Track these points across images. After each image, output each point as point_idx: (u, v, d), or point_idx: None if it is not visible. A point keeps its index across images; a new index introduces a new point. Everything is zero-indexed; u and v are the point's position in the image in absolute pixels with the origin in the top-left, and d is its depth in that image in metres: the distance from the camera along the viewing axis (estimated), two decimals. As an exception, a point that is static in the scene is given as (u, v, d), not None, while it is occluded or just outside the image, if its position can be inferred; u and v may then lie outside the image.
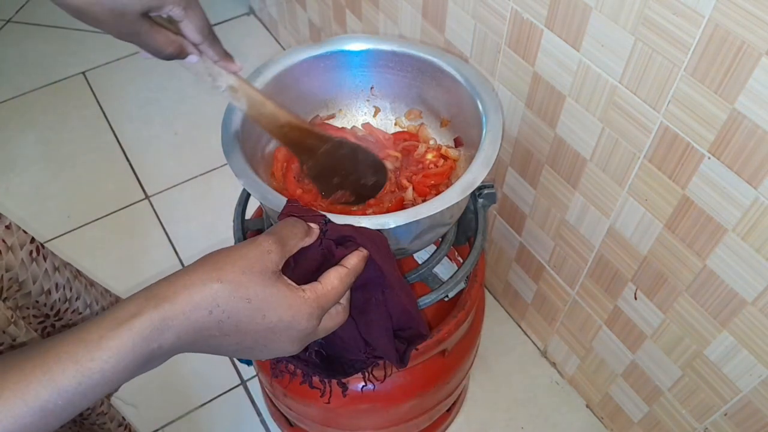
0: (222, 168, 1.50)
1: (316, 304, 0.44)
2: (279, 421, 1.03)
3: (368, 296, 0.52)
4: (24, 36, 1.86)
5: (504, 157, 0.99)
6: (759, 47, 0.54)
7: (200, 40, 0.54)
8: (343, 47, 0.73)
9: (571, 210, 0.90)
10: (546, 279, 1.05)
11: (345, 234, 0.50)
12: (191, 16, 0.52)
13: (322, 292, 0.45)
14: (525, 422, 1.11)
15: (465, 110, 0.70)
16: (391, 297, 0.53)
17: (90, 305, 0.75)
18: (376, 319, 0.53)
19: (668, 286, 0.78)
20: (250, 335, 0.41)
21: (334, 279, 0.46)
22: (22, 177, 1.51)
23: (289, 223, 0.48)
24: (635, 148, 0.73)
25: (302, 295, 0.43)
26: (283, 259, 0.44)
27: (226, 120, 0.65)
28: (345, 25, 1.31)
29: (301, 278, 0.45)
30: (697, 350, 0.79)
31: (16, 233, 0.63)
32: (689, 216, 0.70)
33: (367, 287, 0.52)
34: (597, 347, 1.00)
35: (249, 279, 0.41)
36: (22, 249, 0.63)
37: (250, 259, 0.42)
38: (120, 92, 1.69)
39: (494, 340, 1.20)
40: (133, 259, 1.35)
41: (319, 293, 0.44)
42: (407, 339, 0.58)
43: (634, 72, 0.67)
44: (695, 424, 0.87)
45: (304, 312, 0.43)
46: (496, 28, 0.84)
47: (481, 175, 0.59)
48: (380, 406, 0.80)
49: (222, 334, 0.40)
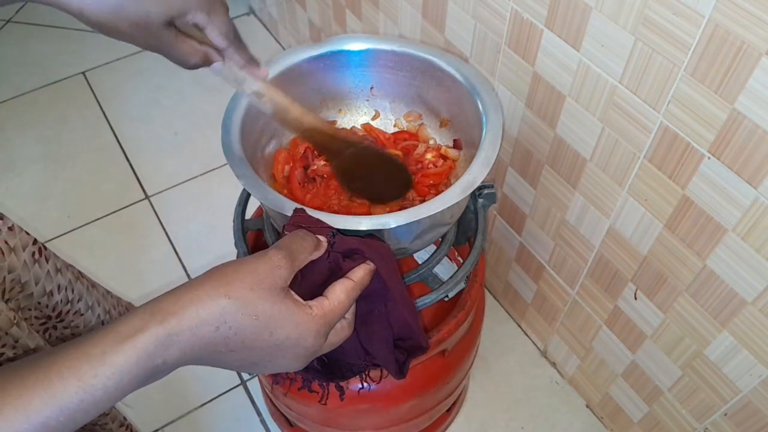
0: (222, 168, 1.50)
1: (323, 321, 0.43)
2: (279, 421, 1.03)
3: (371, 308, 0.52)
4: (24, 36, 1.86)
5: (504, 157, 0.99)
6: (759, 47, 0.54)
7: (226, 45, 0.54)
8: (343, 47, 0.73)
9: (571, 210, 0.90)
10: (546, 279, 1.05)
11: (352, 247, 0.50)
12: (216, 21, 0.52)
13: (329, 308, 0.44)
14: (525, 422, 1.11)
15: (465, 110, 0.70)
16: (393, 310, 0.53)
17: (92, 307, 0.75)
18: (378, 330, 0.53)
19: (668, 286, 0.78)
20: (257, 351, 0.41)
21: (340, 293, 0.45)
22: (22, 177, 1.51)
23: (298, 236, 0.47)
24: (635, 148, 0.73)
25: (310, 312, 0.43)
26: (291, 275, 0.43)
27: (226, 120, 0.65)
28: (345, 25, 1.31)
29: (307, 291, 0.45)
30: (697, 350, 0.79)
31: (19, 235, 0.63)
32: (689, 216, 0.70)
33: (370, 298, 0.51)
34: (597, 347, 1.00)
35: (257, 295, 0.40)
36: (25, 251, 0.63)
37: (259, 274, 0.41)
38: (120, 92, 1.69)
39: (494, 340, 1.20)
40: (133, 259, 1.35)
41: (326, 309, 0.44)
42: (407, 350, 0.58)
43: (634, 72, 0.67)
44: (695, 424, 0.87)
45: (311, 330, 0.42)
46: (496, 28, 0.84)
47: (481, 175, 0.59)
48: (380, 407, 0.80)
49: (228, 350, 0.40)
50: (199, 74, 0.59)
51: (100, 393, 0.34)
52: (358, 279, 0.48)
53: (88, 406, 0.34)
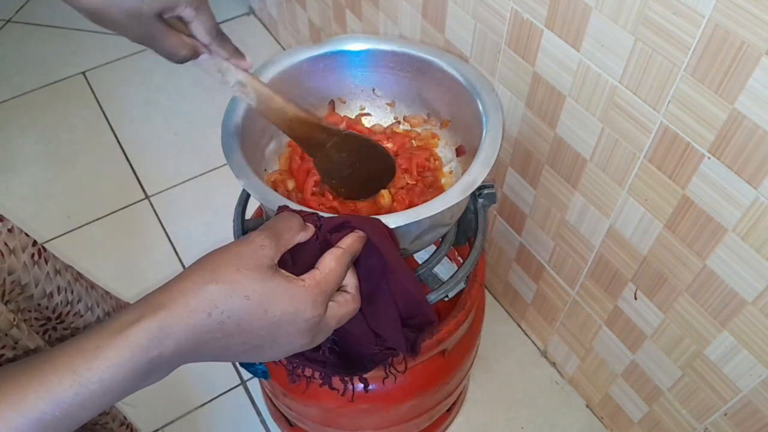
0: (222, 168, 1.50)
1: (317, 290, 0.43)
2: (279, 421, 1.03)
3: (373, 287, 0.52)
4: (24, 36, 1.86)
5: (504, 157, 0.99)
6: (759, 47, 0.54)
7: (209, 40, 0.54)
8: (343, 47, 0.73)
9: (571, 210, 0.90)
10: (546, 279, 1.05)
11: (339, 222, 0.50)
12: (201, 17, 0.52)
13: (321, 277, 0.44)
14: (525, 422, 1.11)
15: (465, 110, 0.70)
16: (394, 283, 0.52)
17: (91, 308, 0.75)
18: (383, 308, 0.53)
19: (668, 286, 0.78)
20: (255, 333, 0.41)
21: (330, 261, 0.45)
22: (22, 177, 1.51)
23: (282, 216, 0.47)
24: (635, 148, 0.73)
25: (302, 284, 0.42)
26: (278, 254, 0.43)
27: (227, 120, 0.65)
28: (345, 25, 1.31)
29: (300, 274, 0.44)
30: (697, 350, 0.79)
31: (18, 236, 0.63)
32: (689, 216, 0.70)
33: (371, 277, 0.51)
34: (597, 347, 1.00)
35: (244, 276, 0.40)
36: (24, 252, 0.63)
37: (243, 256, 0.41)
38: (120, 92, 1.69)
39: (494, 340, 1.20)
40: (133, 259, 1.35)
41: (318, 279, 0.44)
42: (417, 327, 0.57)
43: (634, 72, 0.67)
44: (695, 424, 0.87)
45: (307, 300, 0.42)
46: (496, 28, 0.84)
47: (482, 176, 0.59)
48: (380, 406, 0.80)
49: (225, 336, 0.40)
50: (199, 74, 0.59)
51: (95, 386, 0.35)
52: (347, 245, 0.47)
53: (84, 400, 0.34)
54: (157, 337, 0.37)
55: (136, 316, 0.37)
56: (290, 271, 0.44)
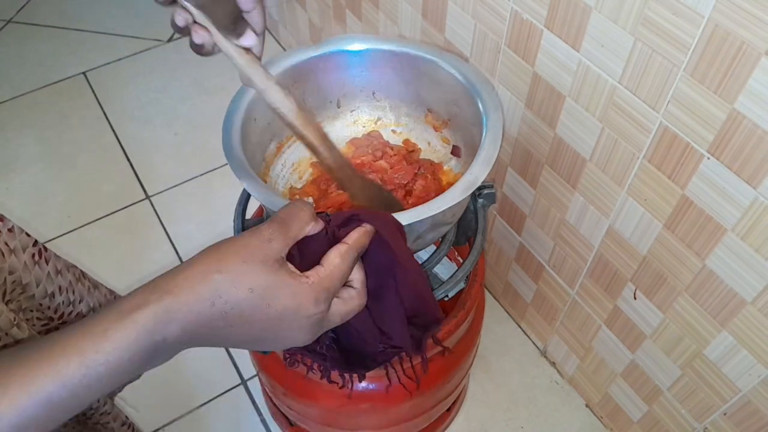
0: (222, 168, 1.50)
1: (320, 287, 0.43)
2: (279, 421, 1.03)
3: (381, 282, 0.51)
4: (24, 36, 1.86)
5: (504, 157, 0.99)
6: (759, 47, 0.54)
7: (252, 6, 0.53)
8: (343, 47, 0.73)
9: (571, 210, 0.90)
10: (546, 279, 1.05)
11: (348, 216, 0.49)
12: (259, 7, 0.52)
13: (325, 274, 0.44)
14: (525, 422, 1.11)
15: (465, 110, 0.70)
16: (403, 278, 0.51)
17: (93, 308, 0.75)
18: (389, 305, 0.52)
19: (668, 286, 0.78)
20: (257, 325, 0.41)
21: (335, 258, 0.45)
22: (22, 177, 1.51)
23: (293, 206, 0.46)
24: (635, 148, 0.73)
25: (306, 281, 0.42)
26: (286, 247, 0.43)
27: (227, 120, 0.66)
28: (345, 26, 1.31)
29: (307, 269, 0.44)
30: (697, 350, 0.79)
31: (19, 236, 0.63)
32: (689, 216, 0.70)
33: (379, 272, 0.50)
34: (597, 347, 1.01)
35: (250, 268, 0.40)
36: (25, 252, 0.63)
37: (251, 248, 0.41)
38: (120, 92, 1.69)
39: (494, 340, 1.20)
40: (134, 259, 1.35)
41: (322, 276, 0.43)
42: (422, 326, 0.56)
43: (633, 72, 0.67)
44: (695, 423, 0.87)
45: (309, 297, 0.42)
46: (496, 28, 0.85)
47: (482, 175, 0.59)
48: (380, 406, 0.80)
49: (227, 325, 0.40)
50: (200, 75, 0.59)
51: (102, 368, 0.35)
52: (353, 241, 0.47)
53: (91, 381, 0.35)
54: (162, 321, 0.37)
55: (142, 300, 0.37)
56: (297, 265, 0.44)
